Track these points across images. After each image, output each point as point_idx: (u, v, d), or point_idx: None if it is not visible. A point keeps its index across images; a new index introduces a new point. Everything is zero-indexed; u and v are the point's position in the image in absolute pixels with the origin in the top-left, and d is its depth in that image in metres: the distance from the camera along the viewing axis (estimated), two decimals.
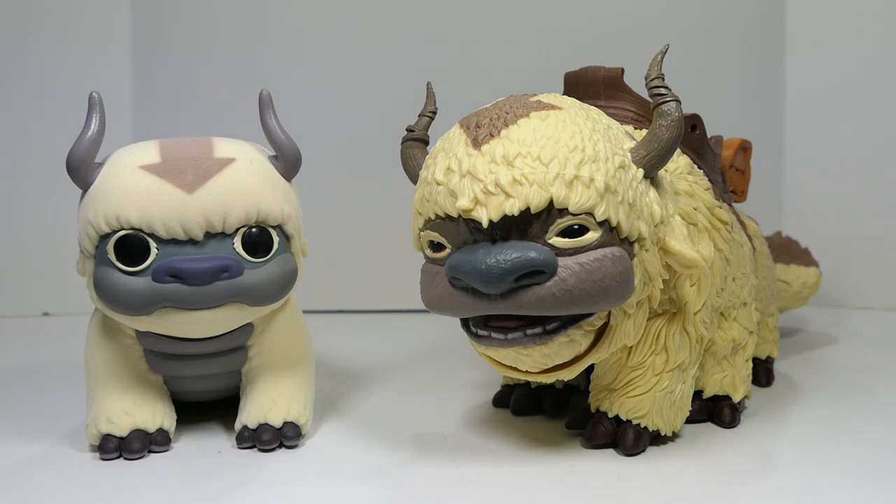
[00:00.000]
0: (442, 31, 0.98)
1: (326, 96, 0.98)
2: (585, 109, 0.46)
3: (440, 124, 0.51)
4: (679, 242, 0.45)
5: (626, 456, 0.49)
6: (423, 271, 0.47)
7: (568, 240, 0.42)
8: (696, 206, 0.51)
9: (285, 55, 0.98)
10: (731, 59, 0.99)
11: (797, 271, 0.81)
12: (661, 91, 0.46)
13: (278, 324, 0.54)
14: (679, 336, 0.50)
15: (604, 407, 0.51)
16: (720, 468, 0.47)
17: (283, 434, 0.51)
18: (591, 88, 0.55)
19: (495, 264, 0.41)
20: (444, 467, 0.48)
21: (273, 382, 0.53)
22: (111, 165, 0.48)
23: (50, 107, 0.95)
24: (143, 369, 0.52)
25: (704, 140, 0.57)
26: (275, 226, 0.50)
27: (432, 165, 0.45)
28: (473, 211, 0.42)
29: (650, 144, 0.45)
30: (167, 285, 0.46)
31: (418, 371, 0.72)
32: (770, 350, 0.67)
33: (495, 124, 0.44)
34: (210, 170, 0.48)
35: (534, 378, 0.47)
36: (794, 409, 0.59)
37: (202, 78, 0.97)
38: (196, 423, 0.56)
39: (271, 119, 0.52)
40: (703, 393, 0.55)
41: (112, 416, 0.50)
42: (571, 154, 0.42)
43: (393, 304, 1.00)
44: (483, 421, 0.57)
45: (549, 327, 0.44)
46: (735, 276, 0.55)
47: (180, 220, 0.46)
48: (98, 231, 0.47)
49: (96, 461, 0.49)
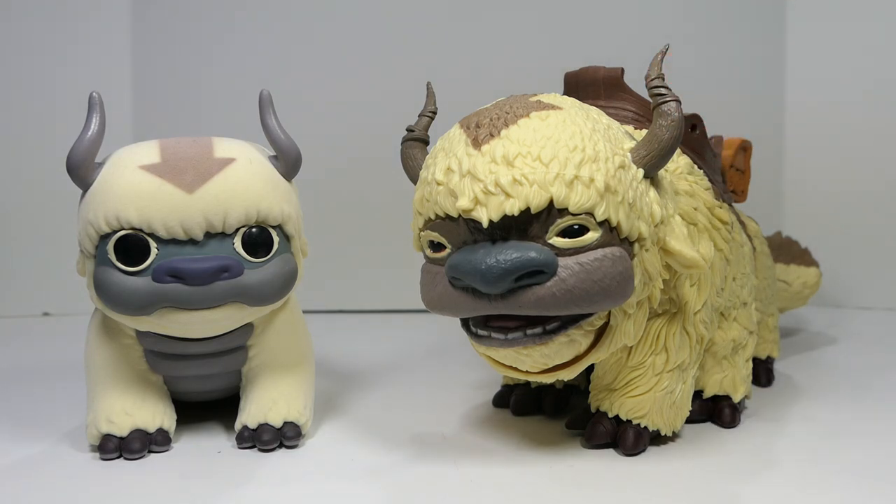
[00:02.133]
0: (442, 31, 0.98)
1: (326, 96, 0.98)
2: (585, 109, 0.46)
3: (440, 124, 0.51)
4: (679, 242, 0.45)
5: (626, 456, 0.49)
6: (423, 271, 0.47)
7: (568, 240, 0.42)
8: (696, 206, 0.51)
9: (285, 55, 0.98)
10: (731, 59, 0.99)
11: (797, 271, 0.81)
12: (661, 91, 0.46)
13: (278, 324, 0.54)
14: (679, 336, 0.50)
15: (604, 407, 0.51)
16: (720, 468, 0.47)
17: (283, 434, 0.51)
18: (591, 88, 0.55)
19: (495, 264, 0.41)
20: (444, 467, 0.48)
21: (273, 382, 0.53)
22: (111, 165, 0.48)
23: (50, 107, 0.96)
24: (143, 369, 0.52)
25: (704, 140, 0.57)
26: (275, 226, 0.50)
27: (432, 165, 0.45)
28: (473, 211, 0.42)
29: (650, 144, 0.45)
30: (167, 285, 0.46)
31: (418, 371, 0.72)
32: (770, 350, 0.67)
33: (495, 124, 0.44)
34: (210, 170, 0.48)
35: (534, 378, 0.47)
36: (794, 409, 0.59)
37: (202, 78, 0.97)
38: (196, 423, 0.56)
39: (271, 119, 0.52)
40: (703, 393, 0.55)
41: (112, 416, 0.50)
42: (571, 154, 0.42)
43: (393, 304, 1.00)
44: (483, 421, 0.57)
45: (549, 327, 0.44)
46: (735, 276, 0.55)
47: (180, 219, 0.46)
48: (98, 231, 0.47)
49: (96, 461, 0.49)
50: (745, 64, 1.00)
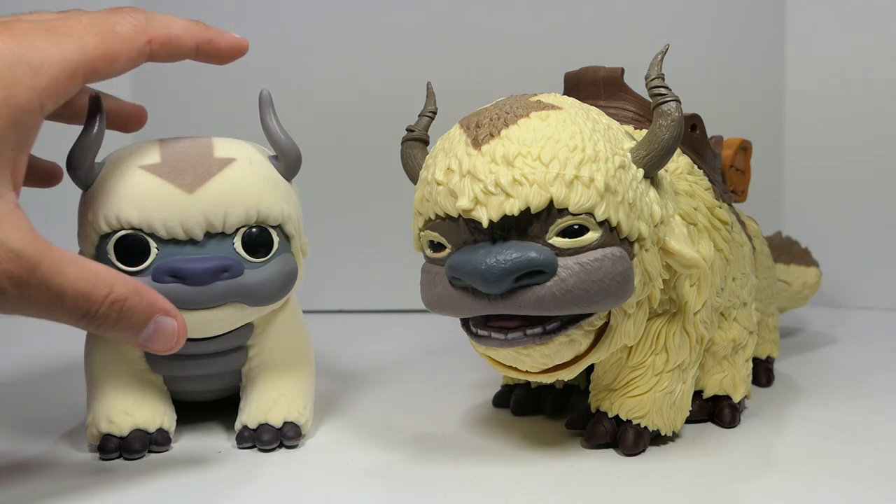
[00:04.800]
0: (442, 31, 0.98)
1: (326, 96, 0.98)
2: (585, 109, 0.46)
3: (440, 124, 0.51)
4: (679, 242, 0.45)
5: (626, 456, 0.49)
6: (423, 271, 0.47)
7: (568, 240, 0.42)
8: (696, 206, 0.51)
9: (285, 55, 0.98)
10: (731, 59, 0.99)
11: (797, 271, 0.81)
12: (661, 91, 0.46)
13: (278, 324, 0.54)
14: (679, 336, 0.50)
15: (604, 407, 0.51)
16: (720, 468, 0.47)
17: (283, 434, 0.51)
18: (591, 88, 0.55)
19: (495, 264, 0.41)
20: (444, 467, 0.48)
21: (273, 382, 0.53)
22: (111, 165, 0.48)
23: None
24: (143, 369, 0.52)
25: (704, 140, 0.57)
26: (275, 226, 0.50)
27: (432, 165, 0.45)
28: (473, 211, 0.42)
29: (650, 144, 0.45)
30: (167, 285, 0.46)
31: (418, 371, 0.72)
32: (770, 350, 0.67)
33: (495, 124, 0.44)
34: (210, 170, 0.48)
35: (534, 378, 0.47)
36: (794, 409, 0.59)
37: (202, 78, 0.97)
38: (196, 423, 0.56)
39: (271, 119, 0.52)
40: (703, 393, 0.55)
41: (112, 416, 0.50)
42: (571, 154, 0.42)
43: (393, 304, 1.00)
44: (483, 421, 0.57)
45: (549, 327, 0.44)
46: (735, 276, 0.55)
47: (180, 220, 0.46)
48: (98, 231, 0.47)
49: (96, 461, 0.49)
50: (745, 64, 1.00)
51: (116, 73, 0.43)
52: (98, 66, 0.41)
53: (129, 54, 0.43)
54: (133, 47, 0.43)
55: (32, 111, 0.39)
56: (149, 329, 0.43)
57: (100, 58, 0.41)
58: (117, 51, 0.42)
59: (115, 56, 0.42)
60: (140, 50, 0.44)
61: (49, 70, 0.39)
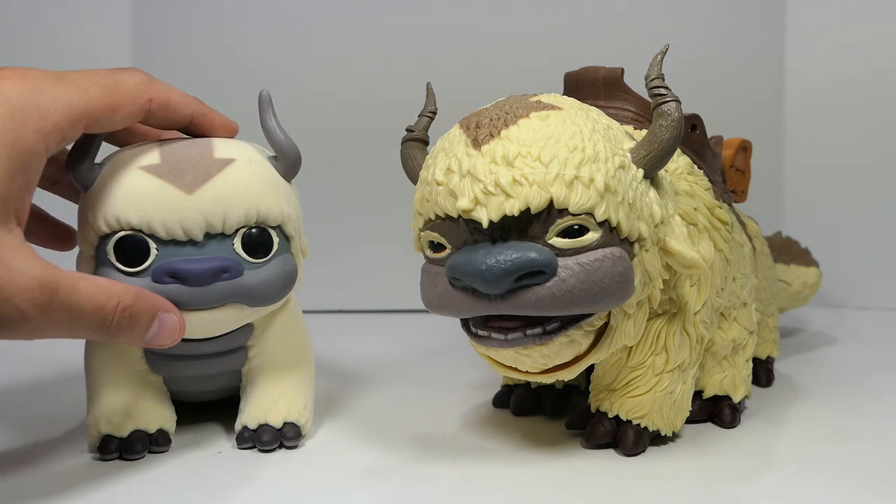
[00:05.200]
0: (442, 31, 0.98)
1: (326, 96, 0.98)
2: (585, 109, 0.46)
3: (440, 124, 0.51)
4: (679, 242, 0.45)
5: (626, 456, 0.49)
6: (423, 271, 0.47)
7: (568, 240, 0.42)
8: (696, 206, 0.51)
9: (285, 55, 0.98)
10: (731, 59, 0.99)
11: (797, 271, 0.81)
12: (661, 91, 0.46)
13: (278, 324, 0.54)
14: (679, 336, 0.50)
15: (604, 407, 0.51)
16: (720, 468, 0.47)
17: (283, 434, 0.51)
18: (591, 88, 0.55)
19: (495, 265, 0.41)
20: (444, 467, 0.48)
21: (273, 383, 0.53)
22: (111, 166, 0.48)
23: None
24: (142, 370, 0.52)
25: (704, 140, 0.57)
26: (275, 226, 0.50)
27: (432, 166, 0.45)
28: (473, 211, 0.42)
29: (650, 144, 0.45)
30: (167, 286, 0.46)
31: (418, 371, 0.72)
32: (770, 350, 0.67)
33: (495, 124, 0.44)
34: (210, 170, 0.48)
35: (534, 378, 0.47)
36: (794, 409, 0.59)
37: (202, 78, 0.97)
38: (196, 423, 0.56)
39: (271, 119, 0.52)
40: (703, 393, 0.55)
41: (112, 416, 0.50)
42: (571, 154, 0.42)
43: (393, 304, 1.00)
44: (483, 421, 0.57)
45: (549, 327, 0.44)
46: (735, 276, 0.55)
47: (180, 220, 0.46)
48: (98, 232, 0.47)
49: (96, 461, 0.49)
50: (745, 64, 1.00)
51: (116, 126, 0.45)
52: (100, 115, 0.44)
53: (130, 108, 0.46)
54: (135, 102, 0.46)
55: (38, 154, 0.41)
56: (153, 328, 0.45)
57: (103, 108, 0.44)
58: (119, 103, 0.45)
59: (116, 108, 0.45)
60: (141, 106, 0.46)
61: (55, 115, 0.41)
